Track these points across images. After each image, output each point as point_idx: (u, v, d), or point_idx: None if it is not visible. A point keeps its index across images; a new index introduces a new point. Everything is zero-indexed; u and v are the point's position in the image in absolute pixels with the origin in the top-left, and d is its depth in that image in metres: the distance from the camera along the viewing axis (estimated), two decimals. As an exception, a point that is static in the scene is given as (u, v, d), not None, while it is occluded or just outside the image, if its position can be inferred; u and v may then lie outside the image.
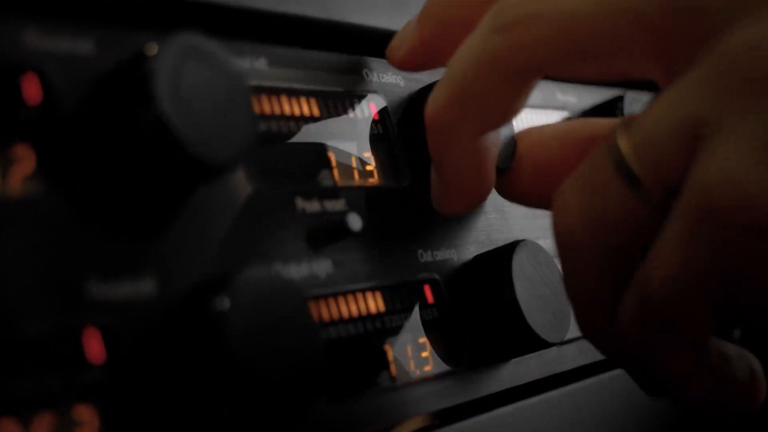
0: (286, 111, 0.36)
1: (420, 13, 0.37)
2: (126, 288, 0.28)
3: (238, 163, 0.28)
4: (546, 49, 0.29)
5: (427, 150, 0.35)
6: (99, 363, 0.27)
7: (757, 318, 0.26)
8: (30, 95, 0.28)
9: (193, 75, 0.27)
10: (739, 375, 0.30)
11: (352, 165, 0.38)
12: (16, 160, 0.27)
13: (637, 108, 0.54)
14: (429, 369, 0.38)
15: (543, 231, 0.45)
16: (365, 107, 0.40)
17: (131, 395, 0.27)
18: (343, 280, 0.35)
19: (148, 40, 0.28)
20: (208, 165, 0.27)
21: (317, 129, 0.37)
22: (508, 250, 0.40)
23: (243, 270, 0.28)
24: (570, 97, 0.53)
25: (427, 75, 0.42)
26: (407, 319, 0.38)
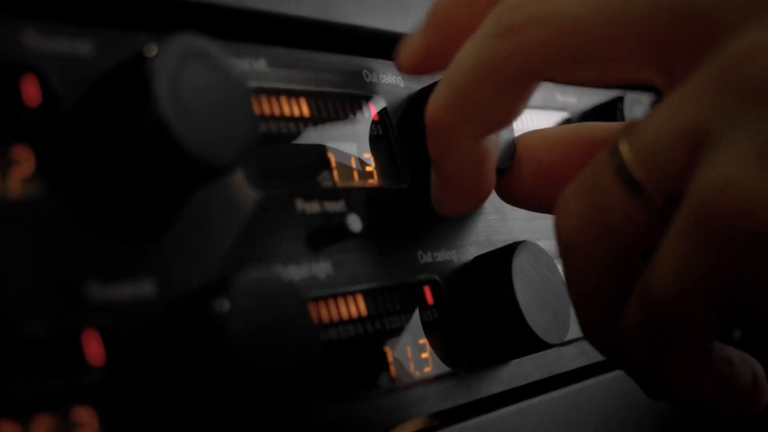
0: (285, 112, 0.36)
1: (426, 18, 0.37)
2: (126, 289, 0.28)
3: (237, 165, 0.28)
4: (545, 55, 0.29)
5: (427, 151, 0.35)
6: (98, 365, 0.27)
7: (758, 318, 0.27)
8: (29, 96, 0.28)
9: (193, 76, 0.27)
10: (742, 379, 0.30)
11: (351, 166, 0.38)
12: (15, 161, 0.27)
13: (637, 108, 0.54)
14: (429, 370, 0.38)
15: (543, 232, 0.45)
16: (365, 108, 0.39)
17: (131, 397, 0.27)
18: (343, 281, 0.35)
19: (147, 41, 0.28)
20: (207, 166, 0.27)
21: (317, 130, 0.37)
22: (508, 251, 0.40)
23: (243, 271, 0.28)
24: (570, 98, 0.53)
25: (427, 76, 0.42)
26: (407, 321, 0.38)
